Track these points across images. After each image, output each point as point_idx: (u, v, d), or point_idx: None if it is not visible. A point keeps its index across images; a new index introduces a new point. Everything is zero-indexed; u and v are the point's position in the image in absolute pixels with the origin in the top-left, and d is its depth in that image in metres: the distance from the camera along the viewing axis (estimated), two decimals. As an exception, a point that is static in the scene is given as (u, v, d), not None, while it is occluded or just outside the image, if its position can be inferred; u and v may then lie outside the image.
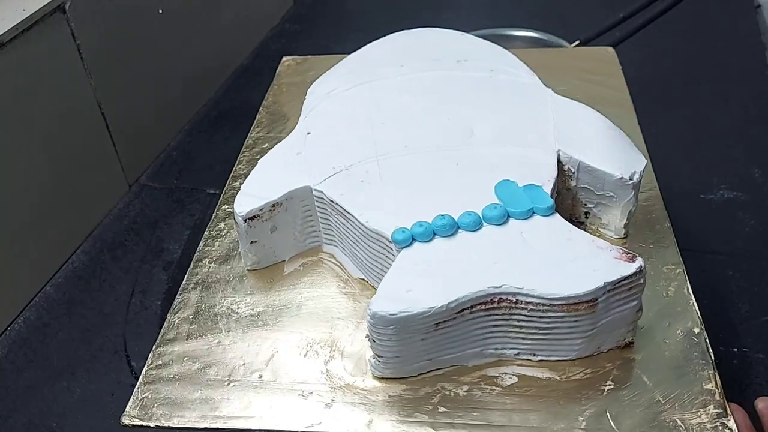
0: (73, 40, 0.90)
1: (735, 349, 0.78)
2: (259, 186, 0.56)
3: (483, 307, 0.45)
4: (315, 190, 0.55)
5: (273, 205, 0.55)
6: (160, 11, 1.10)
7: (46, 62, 0.87)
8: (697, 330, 0.49)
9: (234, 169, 0.69)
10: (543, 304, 0.45)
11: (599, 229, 0.58)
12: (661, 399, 0.45)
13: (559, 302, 0.44)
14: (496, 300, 0.45)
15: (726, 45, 1.33)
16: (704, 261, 0.92)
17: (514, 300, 0.45)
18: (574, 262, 0.46)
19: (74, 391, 0.76)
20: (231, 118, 1.23)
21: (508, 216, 0.49)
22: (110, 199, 1.03)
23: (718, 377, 0.46)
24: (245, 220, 0.54)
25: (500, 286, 0.45)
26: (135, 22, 1.05)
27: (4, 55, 0.80)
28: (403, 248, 0.48)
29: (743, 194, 1.04)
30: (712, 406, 0.44)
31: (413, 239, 0.48)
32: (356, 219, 0.51)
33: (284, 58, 0.89)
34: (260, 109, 0.79)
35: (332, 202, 0.54)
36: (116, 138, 1.01)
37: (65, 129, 0.91)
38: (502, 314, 0.46)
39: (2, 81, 0.80)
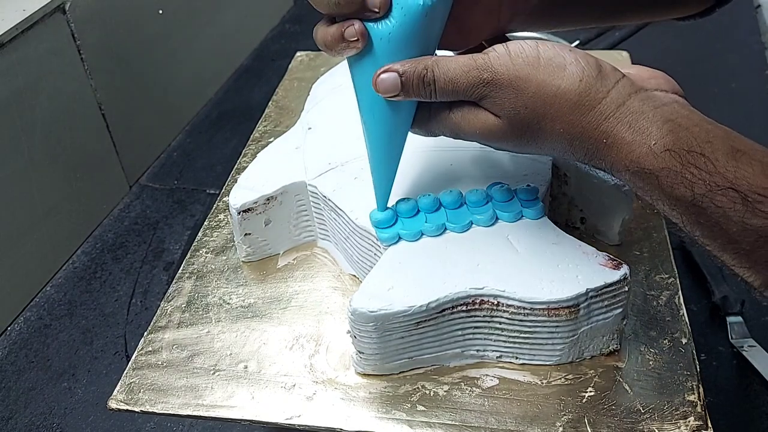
0: (73, 40, 0.90)
1: (735, 350, 0.76)
2: (255, 179, 0.57)
3: (464, 308, 0.45)
4: (309, 185, 0.55)
5: (267, 199, 0.55)
6: (160, 11, 1.10)
7: (46, 62, 0.87)
8: (684, 340, 0.49)
9: (238, 161, 0.70)
10: (524, 308, 0.44)
11: (594, 235, 0.57)
12: (641, 408, 0.45)
13: (540, 306, 0.44)
14: (478, 302, 0.45)
15: (726, 45, 1.31)
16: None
17: (496, 302, 0.45)
18: (558, 267, 0.45)
19: (75, 392, 0.76)
20: (231, 118, 1.22)
21: (497, 218, 0.49)
22: (111, 199, 1.03)
23: (701, 389, 0.46)
24: (239, 213, 0.55)
25: (482, 288, 0.45)
26: (135, 22, 1.05)
27: (4, 55, 0.80)
28: (389, 246, 0.49)
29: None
30: (692, 418, 0.44)
31: (399, 237, 0.49)
32: (346, 215, 0.52)
33: (297, 53, 0.89)
34: (269, 102, 0.79)
35: (325, 197, 0.54)
36: (116, 138, 1.01)
37: (65, 129, 0.91)
38: (483, 316, 0.46)
39: (2, 81, 0.80)
